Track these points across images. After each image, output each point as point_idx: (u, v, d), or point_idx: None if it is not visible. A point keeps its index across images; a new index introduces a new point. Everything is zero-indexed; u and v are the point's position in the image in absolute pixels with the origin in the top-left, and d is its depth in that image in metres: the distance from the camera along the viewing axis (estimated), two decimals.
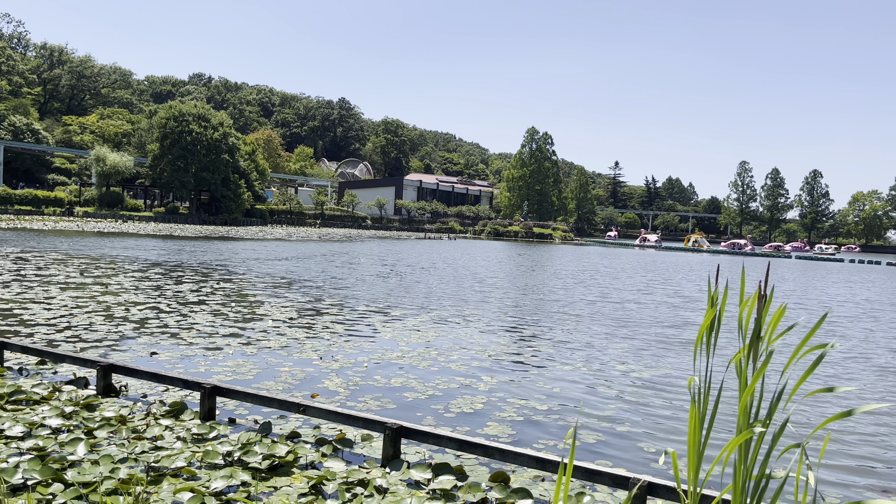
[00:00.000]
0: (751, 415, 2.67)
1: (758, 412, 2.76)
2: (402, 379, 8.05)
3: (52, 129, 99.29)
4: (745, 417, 2.65)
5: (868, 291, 27.13)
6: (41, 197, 65.38)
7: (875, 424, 7.18)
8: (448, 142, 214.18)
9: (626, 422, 6.78)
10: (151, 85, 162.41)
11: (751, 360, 2.76)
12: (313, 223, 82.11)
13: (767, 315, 2.86)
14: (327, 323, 11.83)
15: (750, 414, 2.67)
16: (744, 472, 2.55)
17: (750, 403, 2.63)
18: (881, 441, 6.59)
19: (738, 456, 2.61)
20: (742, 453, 2.61)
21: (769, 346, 2.68)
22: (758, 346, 2.65)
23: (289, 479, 4.84)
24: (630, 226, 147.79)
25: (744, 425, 2.59)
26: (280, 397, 5.81)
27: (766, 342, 2.74)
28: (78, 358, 6.87)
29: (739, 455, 2.59)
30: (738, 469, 2.60)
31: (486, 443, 4.99)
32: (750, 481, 2.66)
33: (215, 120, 70.89)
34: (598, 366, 9.42)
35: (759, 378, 2.53)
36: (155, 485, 4.55)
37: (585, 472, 4.62)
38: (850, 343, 12.66)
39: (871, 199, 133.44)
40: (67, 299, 12.82)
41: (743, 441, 2.56)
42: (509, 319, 13.54)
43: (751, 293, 3.77)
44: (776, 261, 62.41)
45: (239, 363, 8.37)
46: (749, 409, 2.63)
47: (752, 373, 2.75)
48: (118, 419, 5.82)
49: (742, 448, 2.60)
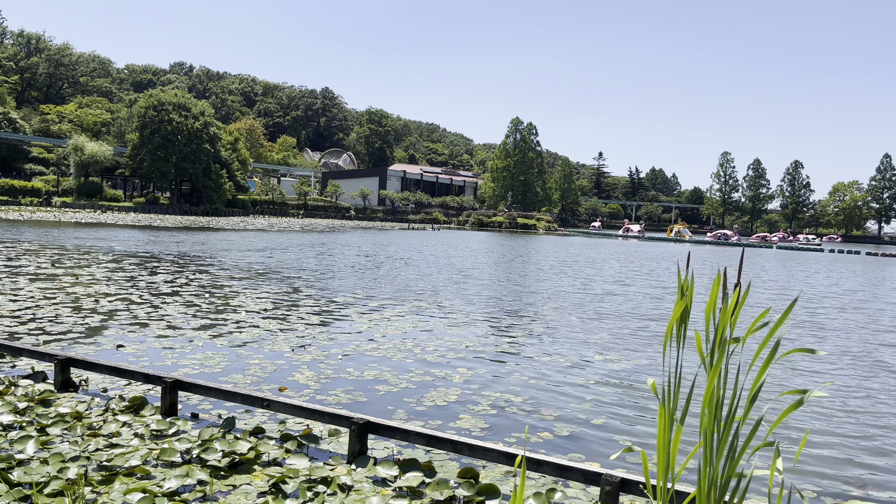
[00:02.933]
0: (722, 413, 2.51)
1: (733, 411, 2.60)
2: (375, 371, 7.86)
3: (30, 117, 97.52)
4: (711, 416, 2.49)
5: (849, 282, 27.29)
6: (18, 187, 64.26)
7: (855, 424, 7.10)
8: (432, 132, 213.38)
9: (604, 414, 6.64)
10: (132, 74, 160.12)
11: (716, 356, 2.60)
12: (296, 214, 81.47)
13: (740, 310, 2.70)
14: (302, 314, 11.60)
15: (720, 412, 2.51)
16: (710, 473, 2.39)
17: (719, 400, 2.47)
18: (860, 434, 6.51)
19: (703, 457, 2.45)
20: (707, 453, 2.45)
21: (730, 342, 2.52)
22: (718, 342, 2.48)
23: (249, 476, 4.64)
24: (614, 216, 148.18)
25: (709, 425, 2.43)
26: (243, 392, 5.60)
27: (729, 338, 2.58)
28: (35, 351, 6.61)
29: (705, 456, 2.43)
30: (703, 471, 2.44)
31: (455, 438, 4.82)
32: (718, 481, 2.50)
33: (196, 109, 69.96)
34: (577, 358, 9.29)
35: (715, 375, 2.37)
36: (106, 485, 4.33)
37: (557, 468, 4.46)
38: (829, 334, 12.64)
39: (852, 190, 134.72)
40: (35, 291, 12.48)
41: (709, 441, 2.39)
42: (488, 310, 13.39)
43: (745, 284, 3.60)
44: (757, 251, 62.80)
45: (208, 356, 8.14)
46: (720, 406, 2.47)
47: (723, 369, 2.59)
48: (74, 415, 5.58)
49: (706, 448, 2.44)
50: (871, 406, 7.47)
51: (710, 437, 2.47)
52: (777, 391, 7.72)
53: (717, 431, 2.44)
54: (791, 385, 8.19)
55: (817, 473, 5.36)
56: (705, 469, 2.40)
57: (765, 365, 2.36)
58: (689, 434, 5.96)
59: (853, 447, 6.03)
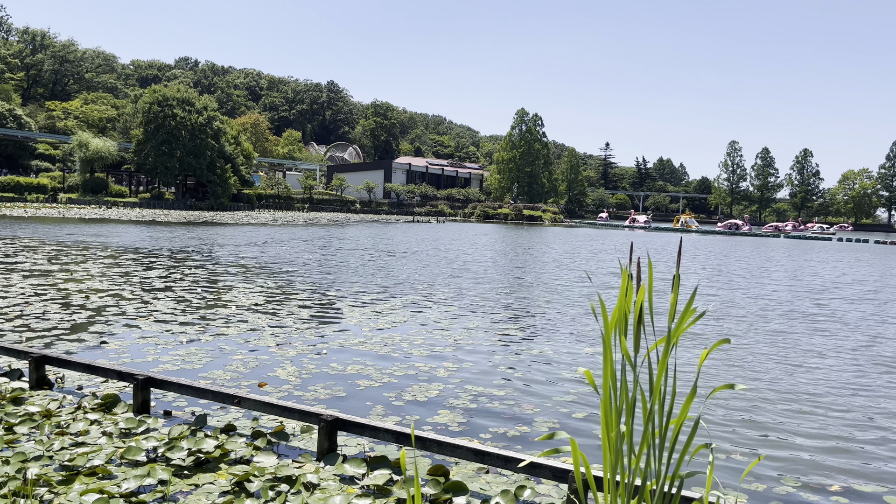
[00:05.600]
0: (664, 409, 2.39)
1: (679, 407, 2.49)
2: (358, 366, 7.77)
3: (36, 114, 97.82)
4: (628, 414, 2.37)
5: (856, 272, 27.00)
6: (23, 183, 64.50)
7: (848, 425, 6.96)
8: (438, 124, 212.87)
9: (587, 408, 6.52)
10: (137, 69, 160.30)
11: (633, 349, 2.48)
12: (302, 207, 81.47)
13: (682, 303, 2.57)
14: (293, 309, 11.53)
15: (663, 408, 2.39)
16: (633, 471, 2.27)
17: (653, 396, 2.35)
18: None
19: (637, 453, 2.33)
20: (630, 450, 2.33)
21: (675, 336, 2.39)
22: (639, 333, 2.37)
23: (213, 475, 4.56)
24: (621, 207, 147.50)
25: (627, 422, 2.31)
26: (214, 388, 5.52)
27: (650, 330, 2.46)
28: (11, 349, 6.55)
29: (638, 451, 2.32)
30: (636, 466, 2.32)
31: (424, 435, 4.72)
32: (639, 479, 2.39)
33: (199, 104, 69.95)
34: (566, 351, 9.17)
35: (608, 365, 2.25)
36: (65, 485, 4.26)
37: (528, 465, 4.35)
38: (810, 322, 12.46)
39: (861, 178, 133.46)
40: (27, 287, 12.46)
41: (647, 440, 2.28)
42: (481, 304, 13.28)
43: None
44: (764, 240, 62.34)
45: (190, 351, 8.07)
46: (658, 402, 2.36)
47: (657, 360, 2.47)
48: (44, 413, 5.52)
49: (614, 446, 2.32)
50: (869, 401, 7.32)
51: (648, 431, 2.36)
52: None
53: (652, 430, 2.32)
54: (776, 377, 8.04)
55: (795, 467, 5.23)
56: (637, 464, 2.29)
57: (665, 354, 2.24)
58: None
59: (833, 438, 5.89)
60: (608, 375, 2.63)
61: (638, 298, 2.52)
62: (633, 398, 2.59)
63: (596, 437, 5.73)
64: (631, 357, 2.60)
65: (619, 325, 2.61)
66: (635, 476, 2.51)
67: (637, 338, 2.50)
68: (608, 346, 2.67)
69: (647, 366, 2.85)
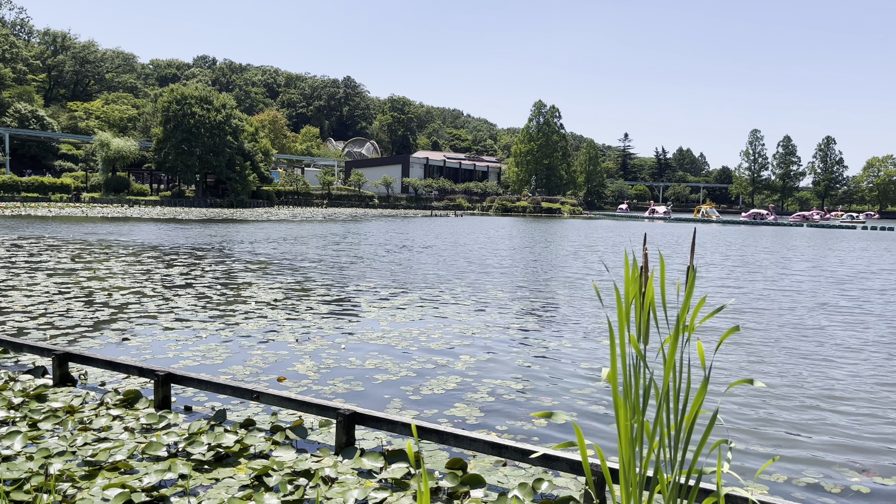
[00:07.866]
0: (678, 403, 2.37)
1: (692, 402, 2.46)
2: (377, 360, 7.80)
3: (58, 115, 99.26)
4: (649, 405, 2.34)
5: (883, 260, 26.56)
6: (47, 183, 65.47)
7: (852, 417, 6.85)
8: (455, 118, 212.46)
9: (603, 402, 6.49)
10: (156, 69, 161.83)
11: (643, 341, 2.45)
12: (320, 203, 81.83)
13: (692, 294, 2.54)
14: (312, 304, 11.59)
15: (677, 402, 2.37)
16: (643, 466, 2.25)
17: (666, 390, 2.33)
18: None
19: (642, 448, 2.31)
20: (632, 445, 2.31)
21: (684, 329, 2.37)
22: (642, 324, 2.34)
23: (233, 470, 4.60)
24: (641, 198, 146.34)
25: (643, 412, 2.29)
26: (233, 384, 5.56)
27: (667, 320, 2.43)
28: (35, 346, 6.66)
29: (648, 447, 2.30)
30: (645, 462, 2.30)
31: (441, 428, 4.73)
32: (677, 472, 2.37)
33: (218, 102, 70.45)
34: (585, 345, 9.13)
35: (614, 358, 2.23)
36: (88, 480, 4.33)
37: (544, 458, 4.35)
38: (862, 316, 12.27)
39: (886, 165, 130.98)
40: (51, 285, 12.65)
41: (660, 434, 2.26)
42: (499, 298, 13.26)
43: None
44: (786, 229, 61.50)
45: (210, 347, 8.15)
46: (668, 395, 2.33)
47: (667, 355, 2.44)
48: (67, 409, 5.60)
49: (630, 440, 2.30)
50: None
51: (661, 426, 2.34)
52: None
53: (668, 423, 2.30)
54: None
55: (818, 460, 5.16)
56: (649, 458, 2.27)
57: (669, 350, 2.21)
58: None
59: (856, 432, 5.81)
60: (615, 363, 2.61)
61: (647, 290, 2.50)
62: (647, 390, 2.57)
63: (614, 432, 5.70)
64: (640, 349, 2.57)
65: (628, 315, 2.58)
66: (646, 468, 2.49)
67: (646, 329, 2.48)
68: (623, 322, 2.64)
69: (662, 359, 2.82)
